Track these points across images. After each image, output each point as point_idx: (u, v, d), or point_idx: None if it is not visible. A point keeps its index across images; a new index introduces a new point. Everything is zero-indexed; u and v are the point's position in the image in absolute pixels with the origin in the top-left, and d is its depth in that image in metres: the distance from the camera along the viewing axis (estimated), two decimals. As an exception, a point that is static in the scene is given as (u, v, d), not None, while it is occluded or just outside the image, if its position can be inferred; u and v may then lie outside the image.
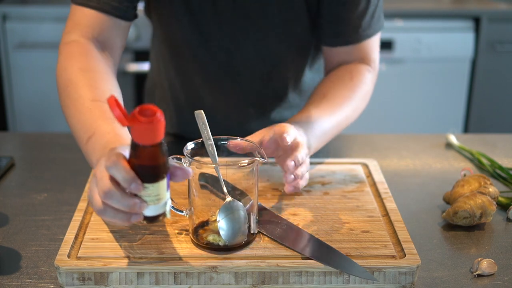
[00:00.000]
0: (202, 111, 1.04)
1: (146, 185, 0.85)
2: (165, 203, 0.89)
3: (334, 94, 1.29)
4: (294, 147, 1.09)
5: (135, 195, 0.86)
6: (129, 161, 0.86)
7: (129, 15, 1.25)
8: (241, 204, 0.99)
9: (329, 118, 1.24)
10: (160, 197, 0.88)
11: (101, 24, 1.22)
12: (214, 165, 0.98)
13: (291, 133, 1.09)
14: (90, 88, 1.12)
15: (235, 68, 1.38)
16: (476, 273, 0.99)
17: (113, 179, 0.86)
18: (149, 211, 0.88)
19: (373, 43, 1.36)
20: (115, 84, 1.17)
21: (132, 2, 1.25)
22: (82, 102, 1.10)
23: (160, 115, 0.84)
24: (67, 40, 1.21)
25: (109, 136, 1.01)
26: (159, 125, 0.84)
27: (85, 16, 1.22)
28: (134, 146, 0.85)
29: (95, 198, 0.88)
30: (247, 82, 1.40)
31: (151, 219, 0.89)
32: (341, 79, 1.32)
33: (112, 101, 0.83)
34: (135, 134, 0.84)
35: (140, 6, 1.40)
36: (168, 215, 0.91)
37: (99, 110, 1.07)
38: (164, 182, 0.87)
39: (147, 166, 0.85)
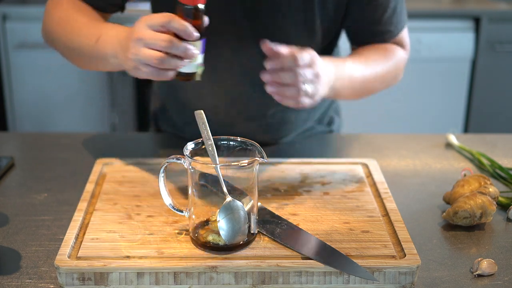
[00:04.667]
0: (202, 111, 1.04)
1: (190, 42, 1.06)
2: (197, 65, 1.10)
3: (369, 55, 1.36)
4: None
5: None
6: None
7: (108, 10, 1.35)
8: (241, 204, 0.99)
9: (360, 67, 1.31)
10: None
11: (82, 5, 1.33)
12: (214, 165, 0.98)
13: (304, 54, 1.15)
14: (84, 17, 1.26)
15: (239, 67, 1.38)
16: (476, 273, 0.99)
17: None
18: (185, 68, 1.09)
19: (404, 33, 1.44)
20: None
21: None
22: (80, 23, 1.24)
23: None
24: (55, 1, 1.33)
25: (118, 28, 1.17)
26: None
27: None
28: (184, 10, 1.07)
29: (147, 54, 1.05)
30: (250, 81, 1.40)
31: (186, 76, 1.10)
32: (376, 48, 1.39)
33: None
34: None
35: (148, 7, 1.40)
36: (198, 78, 1.12)
37: (99, 23, 1.24)
38: (200, 43, 1.08)
39: (193, 25, 1.06)
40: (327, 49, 1.44)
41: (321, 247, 0.99)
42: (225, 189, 0.98)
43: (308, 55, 1.15)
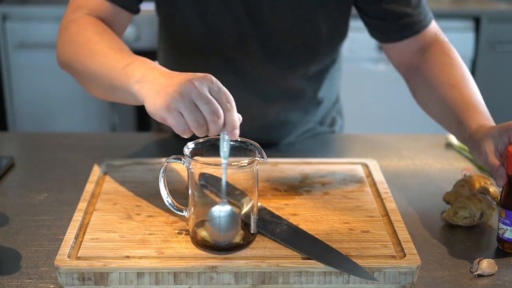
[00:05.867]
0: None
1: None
2: None
3: (456, 78, 1.26)
4: None
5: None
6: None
7: (132, 7, 1.29)
8: (232, 209, 0.99)
9: (479, 96, 1.23)
10: None
11: (104, 11, 1.25)
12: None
13: None
14: (111, 43, 1.15)
15: (241, 66, 1.38)
16: (476, 273, 0.99)
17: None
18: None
19: (435, 25, 1.38)
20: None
21: None
22: (109, 49, 1.13)
23: None
24: (72, 18, 1.23)
25: (152, 63, 1.06)
26: None
27: (89, 1, 1.24)
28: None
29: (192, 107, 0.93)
30: (253, 81, 1.40)
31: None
32: (443, 62, 1.31)
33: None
34: None
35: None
36: None
37: (129, 52, 1.12)
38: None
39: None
40: (339, 43, 1.43)
41: (321, 247, 0.99)
42: (223, 191, 0.98)
43: None
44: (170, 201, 1.03)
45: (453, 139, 1.50)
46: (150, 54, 2.69)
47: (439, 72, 1.29)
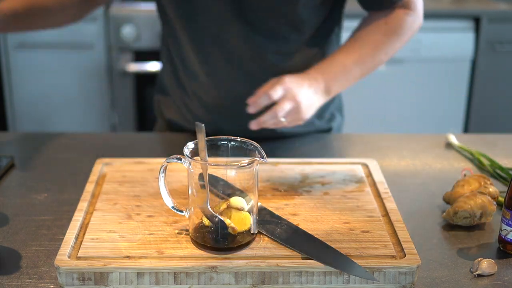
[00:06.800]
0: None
1: None
2: None
3: (366, 38, 1.35)
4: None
5: None
6: None
7: None
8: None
9: (355, 61, 1.31)
10: None
11: None
12: (207, 164, 0.98)
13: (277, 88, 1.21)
14: None
15: (226, 44, 1.39)
16: (476, 273, 0.99)
17: None
18: None
19: None
20: None
21: None
22: None
23: None
24: None
25: None
26: None
27: None
28: None
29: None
30: (238, 59, 1.41)
31: None
32: (375, 24, 1.37)
33: None
34: None
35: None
36: None
37: None
38: None
39: None
40: (327, 26, 1.44)
41: (321, 247, 0.99)
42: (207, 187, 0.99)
43: (281, 88, 1.21)
44: (170, 201, 1.03)
45: (453, 139, 1.50)
46: (150, 54, 2.69)
47: (363, 28, 1.38)
